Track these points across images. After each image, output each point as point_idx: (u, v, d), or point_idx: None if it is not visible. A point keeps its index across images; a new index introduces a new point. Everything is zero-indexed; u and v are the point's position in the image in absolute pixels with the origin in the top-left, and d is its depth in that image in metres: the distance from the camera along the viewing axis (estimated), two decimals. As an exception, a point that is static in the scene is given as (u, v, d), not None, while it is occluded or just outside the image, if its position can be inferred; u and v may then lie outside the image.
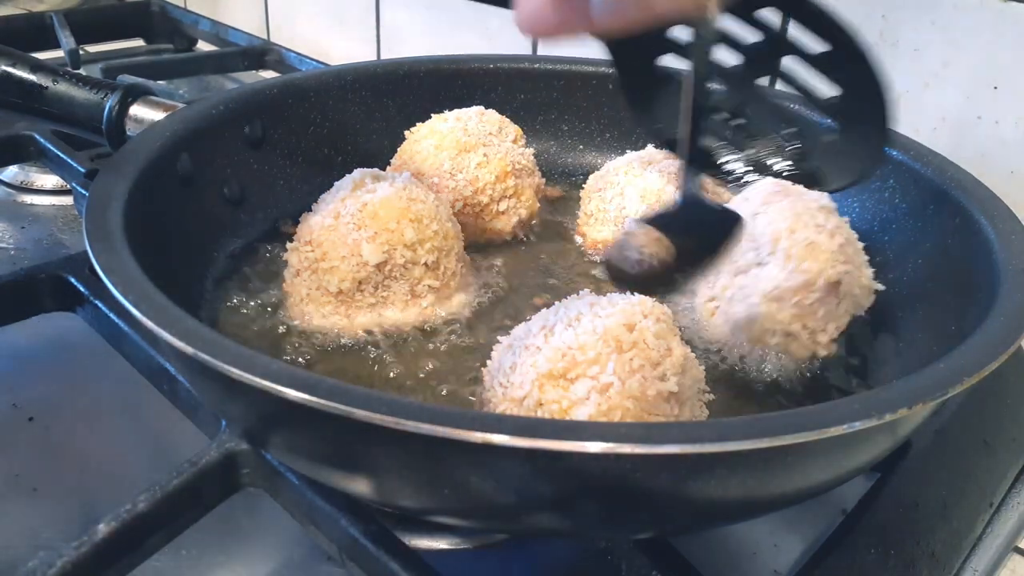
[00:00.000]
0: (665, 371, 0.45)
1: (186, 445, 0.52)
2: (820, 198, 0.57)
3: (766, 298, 0.54)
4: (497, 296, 0.65)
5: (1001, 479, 0.57)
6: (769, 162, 0.56)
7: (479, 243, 0.73)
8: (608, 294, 0.49)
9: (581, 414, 0.43)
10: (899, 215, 0.64)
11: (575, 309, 0.47)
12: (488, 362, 0.50)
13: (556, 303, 0.50)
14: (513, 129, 0.76)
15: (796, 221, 0.54)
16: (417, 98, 0.81)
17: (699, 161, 0.49)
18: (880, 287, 0.58)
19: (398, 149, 0.75)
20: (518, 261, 0.71)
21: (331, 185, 0.62)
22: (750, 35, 0.53)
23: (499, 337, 0.51)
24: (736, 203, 0.60)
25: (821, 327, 0.55)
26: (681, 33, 0.50)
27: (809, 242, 0.53)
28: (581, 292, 0.50)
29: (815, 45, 0.51)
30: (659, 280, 0.47)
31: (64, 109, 0.71)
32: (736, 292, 0.56)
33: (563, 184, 0.84)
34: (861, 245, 0.58)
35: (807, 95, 0.54)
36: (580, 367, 0.44)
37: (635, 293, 0.49)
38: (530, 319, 0.50)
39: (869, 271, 0.57)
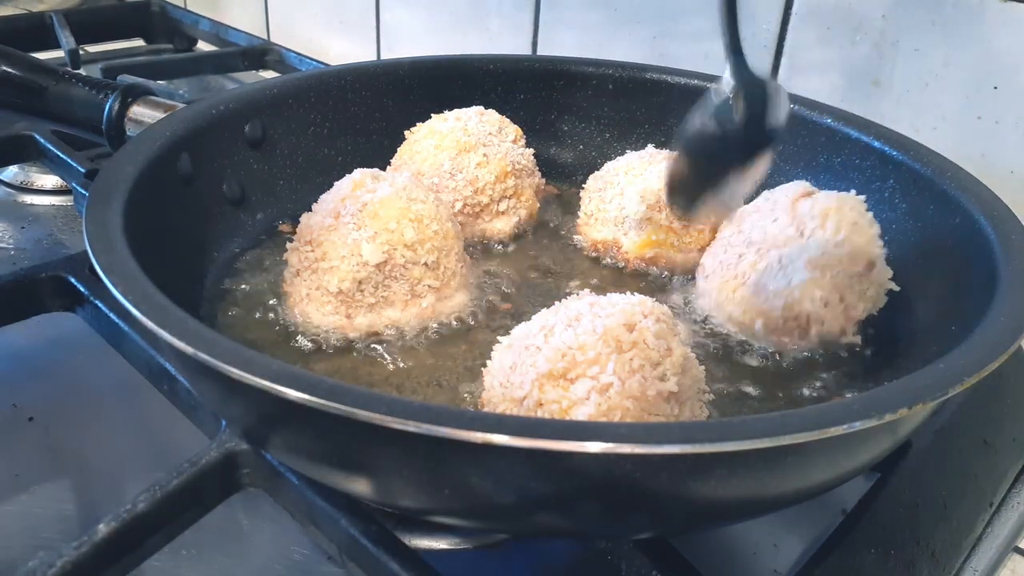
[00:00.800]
0: (665, 371, 0.45)
1: (186, 445, 0.52)
2: (855, 195, 0.61)
3: (811, 264, 0.57)
4: (497, 296, 0.65)
5: (1001, 479, 0.57)
6: None
7: (479, 243, 0.73)
8: (608, 294, 0.49)
9: (581, 414, 0.43)
10: (899, 215, 0.64)
11: (575, 309, 0.47)
12: (488, 362, 0.50)
13: (556, 303, 0.50)
14: (513, 129, 0.76)
15: (843, 203, 0.59)
16: (417, 98, 0.81)
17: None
18: (895, 287, 0.59)
19: (398, 149, 0.75)
20: (518, 261, 0.71)
21: (331, 185, 0.62)
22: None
23: (499, 337, 0.51)
24: (770, 194, 0.63)
25: (854, 303, 0.58)
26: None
27: (855, 222, 0.58)
28: (581, 292, 0.50)
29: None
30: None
31: (64, 109, 0.71)
32: (772, 265, 0.59)
33: (563, 184, 0.84)
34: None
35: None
36: (580, 367, 0.44)
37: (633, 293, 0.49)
38: (530, 319, 0.50)
39: (888, 270, 0.59)
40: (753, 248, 0.60)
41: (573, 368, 0.44)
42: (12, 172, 0.92)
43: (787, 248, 0.58)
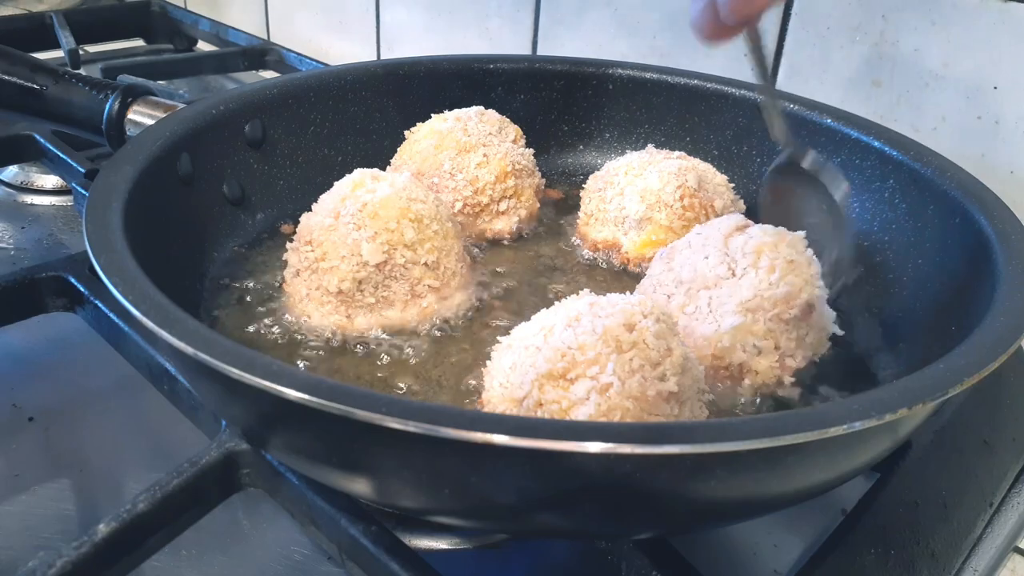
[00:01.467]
0: (665, 371, 0.45)
1: (186, 445, 0.52)
2: (796, 232, 0.56)
3: (743, 307, 0.52)
4: (497, 296, 0.65)
5: (1001, 479, 0.57)
6: None
7: (479, 243, 0.73)
8: (608, 294, 0.49)
9: (581, 414, 0.43)
10: (899, 215, 0.64)
11: (575, 309, 0.47)
12: (488, 362, 0.50)
13: (556, 303, 0.50)
14: (513, 129, 0.76)
15: (779, 240, 0.54)
16: (417, 98, 0.81)
17: None
18: (839, 331, 0.56)
19: (398, 149, 0.75)
20: (518, 261, 0.71)
21: (331, 185, 0.62)
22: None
23: (499, 337, 0.51)
24: (703, 228, 0.59)
25: (791, 351, 0.53)
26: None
27: (791, 260, 0.53)
28: (581, 292, 0.50)
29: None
30: None
31: (64, 109, 0.71)
32: (701, 307, 0.54)
33: (563, 184, 0.84)
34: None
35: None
36: (580, 367, 0.44)
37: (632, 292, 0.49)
38: (530, 319, 0.50)
39: (831, 312, 0.56)
40: (683, 288, 0.55)
41: (573, 368, 0.44)
42: (12, 172, 0.92)
43: (717, 288, 0.53)
